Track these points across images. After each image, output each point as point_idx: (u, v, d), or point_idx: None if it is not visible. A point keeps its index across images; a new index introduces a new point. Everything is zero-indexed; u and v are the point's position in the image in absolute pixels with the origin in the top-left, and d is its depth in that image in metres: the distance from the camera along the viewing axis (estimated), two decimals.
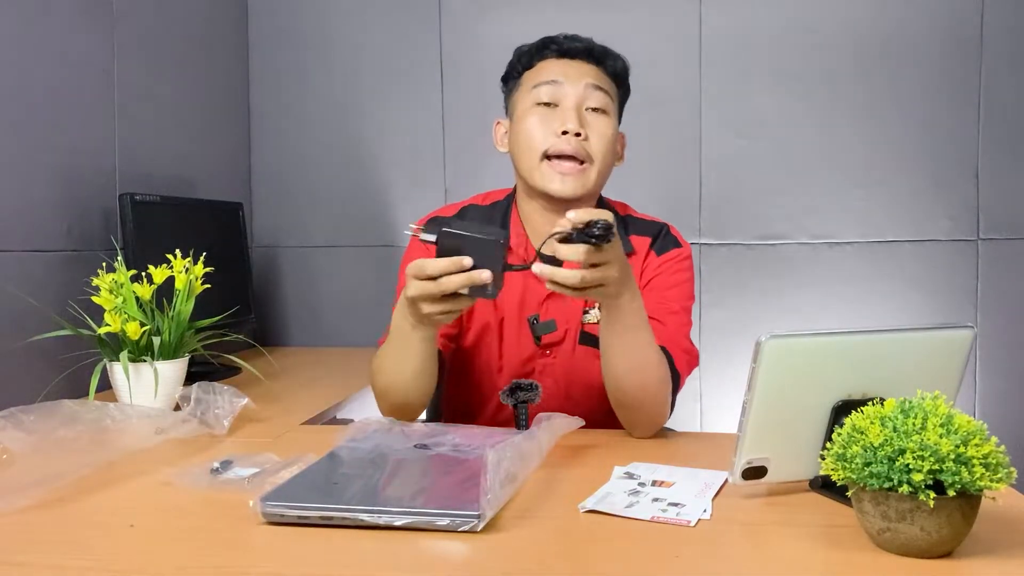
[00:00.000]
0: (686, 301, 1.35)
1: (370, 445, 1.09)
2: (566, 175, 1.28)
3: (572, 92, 1.30)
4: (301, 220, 2.52)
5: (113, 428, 1.19)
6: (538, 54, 1.35)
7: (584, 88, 1.30)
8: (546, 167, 1.28)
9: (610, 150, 1.32)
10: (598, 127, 1.30)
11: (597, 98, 1.31)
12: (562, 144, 1.27)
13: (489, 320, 1.36)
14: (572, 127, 1.27)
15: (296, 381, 1.89)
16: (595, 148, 1.29)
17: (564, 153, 1.27)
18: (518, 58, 1.38)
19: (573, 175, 1.28)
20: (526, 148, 1.30)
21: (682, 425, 1.54)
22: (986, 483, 0.75)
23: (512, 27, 2.38)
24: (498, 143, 1.39)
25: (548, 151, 1.28)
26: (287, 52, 2.51)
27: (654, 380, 1.19)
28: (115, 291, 1.39)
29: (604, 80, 1.33)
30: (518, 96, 1.36)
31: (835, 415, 0.93)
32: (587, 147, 1.29)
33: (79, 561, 0.81)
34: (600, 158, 1.30)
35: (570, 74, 1.31)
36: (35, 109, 1.61)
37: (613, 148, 1.33)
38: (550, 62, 1.34)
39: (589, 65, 1.33)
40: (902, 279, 2.33)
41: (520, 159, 1.33)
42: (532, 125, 1.30)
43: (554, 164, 1.28)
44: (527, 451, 0.99)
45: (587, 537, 0.86)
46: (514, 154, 1.35)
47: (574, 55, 1.33)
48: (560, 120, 1.28)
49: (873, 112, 2.32)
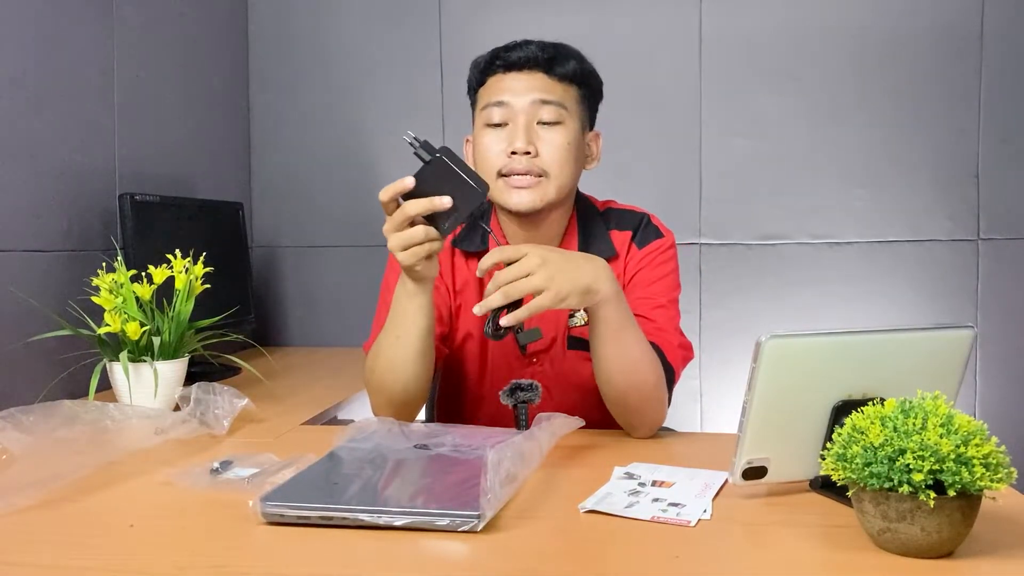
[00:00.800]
0: (672, 292, 1.34)
1: (370, 445, 1.09)
2: (521, 188, 1.27)
3: (520, 110, 1.28)
4: (301, 220, 2.52)
5: (113, 428, 1.19)
6: (487, 70, 1.33)
7: (531, 105, 1.28)
8: (503, 184, 1.28)
9: (568, 158, 1.29)
10: (550, 139, 1.28)
11: (547, 111, 1.28)
12: (513, 163, 1.27)
13: (471, 328, 1.37)
14: (520, 146, 1.26)
15: (296, 381, 1.89)
16: (548, 161, 1.28)
17: (516, 171, 1.27)
18: (471, 73, 1.37)
19: (529, 188, 1.27)
20: (482, 169, 1.30)
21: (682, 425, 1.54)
22: (986, 483, 0.75)
23: (512, 27, 2.36)
24: (470, 161, 1.38)
25: (501, 170, 1.28)
26: (287, 52, 2.51)
27: (648, 381, 1.19)
28: (115, 291, 1.39)
29: (555, 89, 1.29)
30: (475, 114, 1.36)
31: (835, 415, 0.93)
32: (539, 163, 1.27)
33: (79, 561, 0.81)
34: (557, 170, 1.28)
35: (517, 89, 1.28)
36: (35, 109, 1.61)
37: (573, 155, 1.30)
38: (498, 78, 1.31)
39: (538, 75, 1.29)
40: (902, 279, 2.33)
41: None
42: (485, 146, 1.30)
43: (510, 180, 1.28)
44: (527, 451, 0.99)
45: (587, 537, 0.86)
46: None
47: (521, 66, 1.29)
48: (509, 139, 1.27)
49: (873, 112, 2.32)
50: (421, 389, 1.24)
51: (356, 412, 1.75)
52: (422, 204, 1.07)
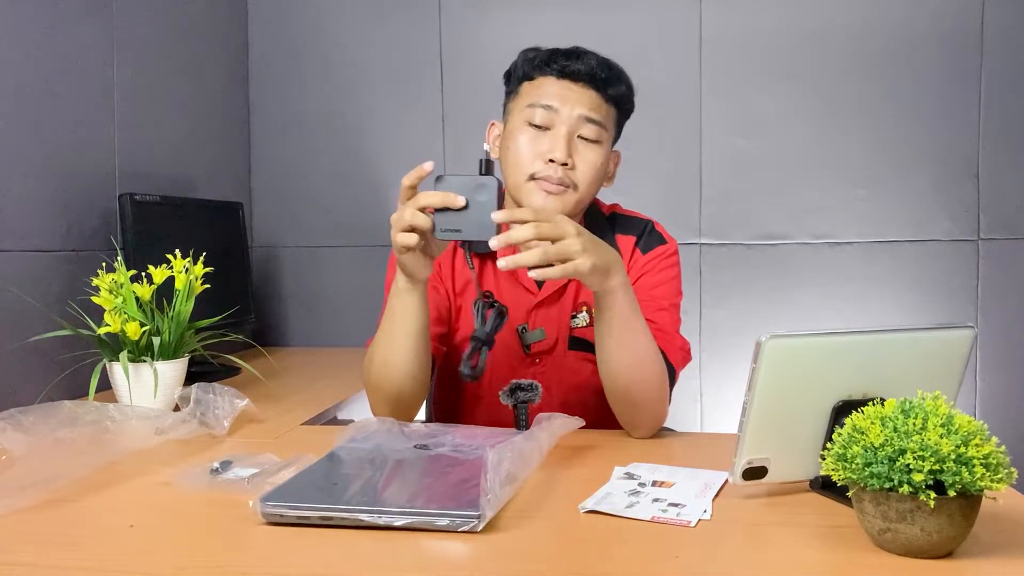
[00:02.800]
0: (675, 297, 1.35)
1: (370, 445, 1.09)
2: (550, 194, 1.28)
3: (566, 120, 1.28)
4: (301, 220, 2.52)
5: (113, 429, 1.19)
6: (540, 68, 1.32)
7: (578, 119, 1.28)
8: (532, 186, 1.28)
9: (596, 178, 1.31)
10: (587, 156, 1.29)
11: (590, 130, 1.29)
12: (548, 171, 1.27)
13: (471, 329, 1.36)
14: (559, 156, 1.26)
15: (296, 381, 1.89)
16: (581, 177, 1.29)
17: (550, 179, 1.27)
18: (522, 63, 1.35)
19: (556, 195, 1.28)
20: (513, 166, 1.30)
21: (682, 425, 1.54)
22: (987, 483, 0.75)
23: (512, 27, 2.38)
24: (490, 144, 1.38)
25: (534, 174, 1.28)
26: (287, 52, 2.51)
27: (653, 375, 1.19)
28: (115, 291, 1.39)
29: (602, 109, 1.30)
30: (513, 105, 1.34)
31: (835, 415, 0.93)
32: (572, 176, 1.28)
33: (79, 561, 0.81)
34: (585, 186, 1.29)
35: (568, 99, 1.28)
36: (35, 109, 1.61)
37: (600, 175, 1.32)
38: (550, 80, 1.30)
39: (589, 91, 1.29)
40: (902, 279, 2.33)
41: (507, 173, 1.32)
42: (522, 145, 1.29)
43: (540, 183, 1.28)
44: (527, 451, 0.99)
45: (587, 537, 0.86)
46: (503, 165, 1.34)
47: (576, 78, 1.29)
48: (549, 146, 1.27)
49: (873, 112, 2.32)
50: (416, 388, 1.24)
51: (356, 412, 1.75)
52: (437, 196, 1.04)
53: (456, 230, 1.06)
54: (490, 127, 1.39)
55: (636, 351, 1.18)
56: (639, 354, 1.18)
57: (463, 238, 1.06)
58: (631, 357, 1.18)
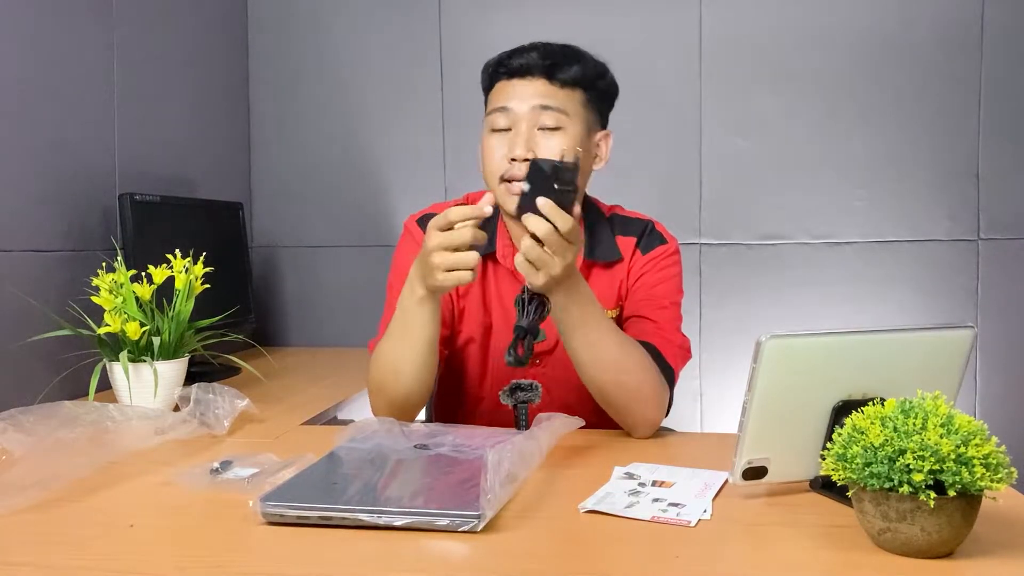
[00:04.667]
0: (675, 296, 1.35)
1: (370, 445, 1.09)
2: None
3: (522, 116, 1.28)
4: (301, 220, 2.52)
5: (113, 429, 1.19)
6: (494, 75, 1.33)
7: (532, 111, 1.28)
8: (503, 189, 1.28)
9: None
10: (548, 145, 1.28)
11: (548, 117, 1.28)
12: (513, 169, 1.27)
13: (475, 329, 1.37)
14: (519, 153, 1.26)
15: (296, 381, 1.89)
16: None
17: (516, 177, 1.27)
18: (482, 77, 1.37)
19: None
20: (486, 173, 1.31)
21: (682, 425, 1.54)
22: (986, 483, 0.75)
23: (512, 27, 2.38)
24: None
25: (503, 175, 1.28)
26: (287, 52, 2.51)
27: (630, 381, 1.19)
28: (115, 291, 1.39)
29: (557, 95, 1.29)
30: (485, 117, 1.36)
31: (835, 415, 0.93)
32: None
33: (79, 561, 0.81)
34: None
35: (521, 95, 1.28)
36: (35, 109, 1.61)
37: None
38: (503, 84, 1.31)
39: (539, 81, 1.29)
40: (902, 279, 2.33)
41: (486, 181, 1.33)
42: (489, 151, 1.30)
43: (509, 186, 1.28)
44: (527, 451, 0.99)
45: (587, 537, 0.86)
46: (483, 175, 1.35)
47: (523, 73, 1.30)
48: (509, 146, 1.27)
49: (873, 112, 2.32)
50: (423, 394, 1.25)
51: (356, 412, 1.75)
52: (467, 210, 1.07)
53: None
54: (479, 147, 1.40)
55: (608, 357, 1.18)
56: (612, 360, 1.18)
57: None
58: (603, 362, 1.18)
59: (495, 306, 1.37)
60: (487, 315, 1.37)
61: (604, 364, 1.18)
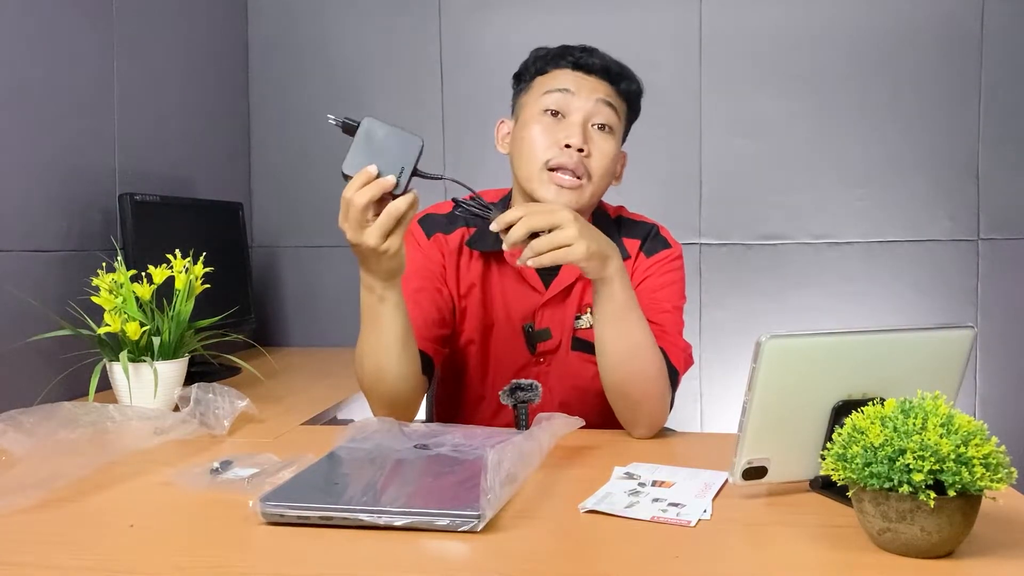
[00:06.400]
0: (678, 300, 1.35)
1: (370, 445, 1.09)
2: (563, 188, 1.26)
3: (582, 105, 1.28)
4: (301, 220, 2.52)
5: (113, 429, 1.19)
6: (553, 62, 1.33)
7: (594, 103, 1.28)
8: (546, 177, 1.27)
9: (609, 170, 1.31)
10: (601, 145, 1.28)
11: (606, 114, 1.29)
12: (563, 157, 1.26)
13: (476, 329, 1.37)
14: (576, 141, 1.25)
15: (296, 381, 1.89)
16: (595, 166, 1.28)
17: (565, 166, 1.26)
18: (533, 60, 1.36)
19: (570, 189, 1.27)
20: (528, 155, 1.29)
21: (682, 425, 1.54)
22: (986, 483, 0.75)
23: (512, 27, 2.38)
24: (499, 143, 1.38)
25: (549, 162, 1.27)
26: (287, 52, 2.51)
27: (649, 370, 1.19)
28: (115, 291, 1.39)
29: (615, 99, 1.31)
30: (526, 99, 1.34)
31: (835, 415, 0.93)
32: (588, 164, 1.27)
33: (79, 561, 0.81)
34: (598, 177, 1.29)
35: (583, 86, 1.29)
36: (35, 109, 1.61)
37: (612, 169, 1.32)
38: (564, 71, 1.31)
39: (603, 82, 1.31)
40: (902, 279, 2.33)
41: (520, 165, 1.31)
42: (536, 133, 1.28)
43: (554, 176, 1.26)
44: (527, 451, 0.99)
45: (587, 537, 0.86)
46: (514, 158, 1.33)
47: (590, 70, 1.30)
48: (565, 132, 1.26)
49: (873, 112, 2.32)
50: (412, 387, 1.22)
51: (356, 412, 1.74)
52: (372, 188, 1.02)
53: (404, 173, 1.05)
54: (499, 125, 1.39)
55: (633, 342, 1.18)
56: (636, 346, 1.18)
57: (412, 171, 1.05)
58: (628, 348, 1.18)
59: (497, 306, 1.37)
60: (488, 315, 1.37)
61: (633, 355, 1.18)
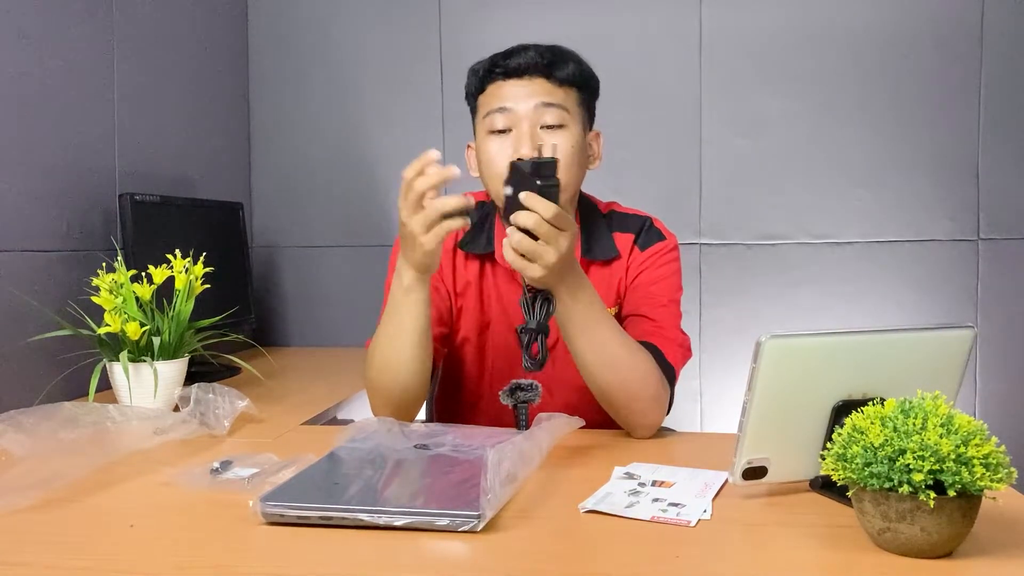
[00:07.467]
0: (674, 294, 1.34)
1: (370, 445, 1.09)
2: None
3: (523, 116, 1.26)
4: (301, 220, 2.52)
5: (113, 429, 1.19)
6: (487, 77, 1.31)
7: (534, 109, 1.26)
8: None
9: (573, 161, 1.28)
10: (554, 143, 1.26)
11: (551, 114, 1.26)
12: None
13: (472, 328, 1.37)
14: (524, 153, 1.24)
15: (296, 381, 1.89)
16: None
17: None
18: (469, 80, 1.35)
19: None
20: (488, 176, 1.29)
21: (682, 425, 1.54)
22: (986, 483, 0.75)
23: (512, 27, 2.38)
24: (471, 169, 1.37)
25: None
26: (287, 52, 2.51)
27: (632, 380, 1.18)
28: (115, 291, 1.39)
29: (556, 93, 1.28)
30: (476, 121, 1.34)
31: (835, 415, 0.93)
32: None
33: (79, 561, 0.81)
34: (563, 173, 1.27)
35: (519, 95, 1.27)
36: (35, 109, 1.61)
37: (578, 158, 1.29)
38: (498, 85, 1.30)
39: (539, 80, 1.28)
40: (902, 279, 2.33)
41: (488, 188, 1.31)
42: (491, 155, 1.28)
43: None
44: (527, 451, 0.99)
45: (587, 537, 0.86)
46: (483, 181, 1.33)
47: (521, 73, 1.28)
48: (515, 146, 1.26)
49: (873, 112, 2.32)
50: (419, 389, 1.23)
51: (356, 412, 1.75)
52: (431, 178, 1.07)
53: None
54: (467, 152, 1.39)
55: (608, 355, 1.17)
56: (612, 356, 1.17)
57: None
58: (604, 360, 1.17)
59: (493, 305, 1.37)
60: (484, 314, 1.37)
61: (608, 365, 1.18)
